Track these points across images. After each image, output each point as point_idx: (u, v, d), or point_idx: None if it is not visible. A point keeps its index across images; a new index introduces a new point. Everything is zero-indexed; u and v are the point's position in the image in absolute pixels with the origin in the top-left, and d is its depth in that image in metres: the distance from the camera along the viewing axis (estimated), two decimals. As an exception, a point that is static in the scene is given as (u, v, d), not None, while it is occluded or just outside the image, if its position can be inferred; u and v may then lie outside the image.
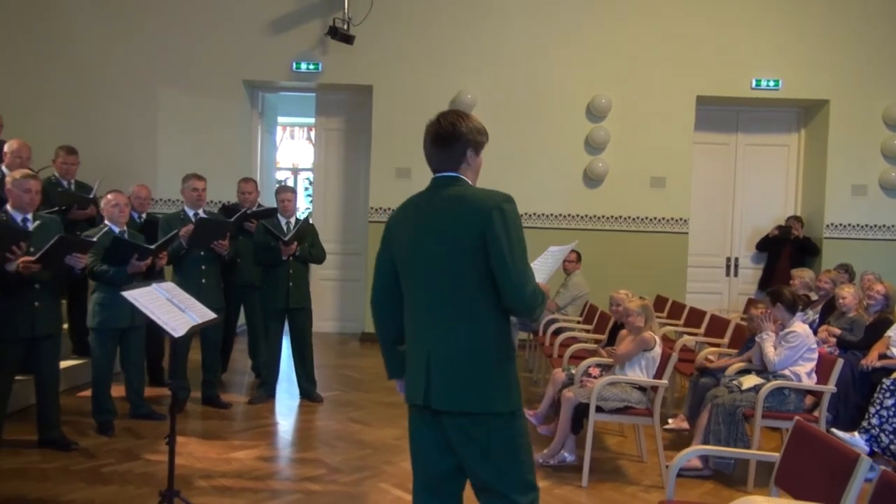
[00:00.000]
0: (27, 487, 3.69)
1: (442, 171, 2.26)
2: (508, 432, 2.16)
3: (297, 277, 5.41)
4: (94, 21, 7.98)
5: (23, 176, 4.15)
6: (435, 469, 2.25)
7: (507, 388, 2.17)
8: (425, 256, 2.18)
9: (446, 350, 2.15)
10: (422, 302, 2.22)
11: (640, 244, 8.17)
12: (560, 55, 8.05)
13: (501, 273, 2.09)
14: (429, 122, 2.28)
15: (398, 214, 2.33)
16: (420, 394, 2.18)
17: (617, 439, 4.92)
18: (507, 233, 2.09)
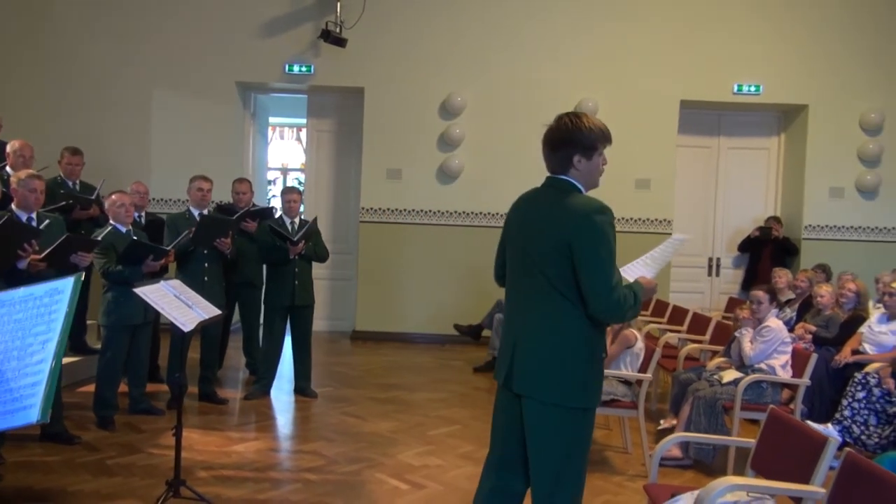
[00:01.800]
0: (33, 479, 3.80)
1: (555, 174, 2.41)
2: (575, 426, 2.30)
3: (303, 276, 5.56)
4: (90, 23, 8.06)
5: (28, 176, 4.26)
6: (507, 445, 2.43)
7: (583, 385, 2.29)
8: (524, 252, 2.38)
9: (531, 341, 2.33)
10: (517, 292, 2.42)
11: (625, 244, 8.23)
12: (548, 59, 8.23)
13: (585, 280, 2.23)
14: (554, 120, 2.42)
15: (515, 206, 2.54)
16: (503, 375, 2.40)
17: (603, 432, 5.10)
18: (592, 243, 2.21)
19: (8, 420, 1.39)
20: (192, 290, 3.72)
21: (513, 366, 2.36)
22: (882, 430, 4.37)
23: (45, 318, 1.48)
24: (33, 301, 1.52)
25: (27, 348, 1.44)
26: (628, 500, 3.81)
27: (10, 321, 1.47)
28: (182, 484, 3.40)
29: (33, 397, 1.39)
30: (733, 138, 9.00)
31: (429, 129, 8.19)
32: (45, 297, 1.52)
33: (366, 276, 8.25)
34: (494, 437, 2.50)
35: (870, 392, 4.44)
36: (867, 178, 8.42)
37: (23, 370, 1.42)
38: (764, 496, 2.49)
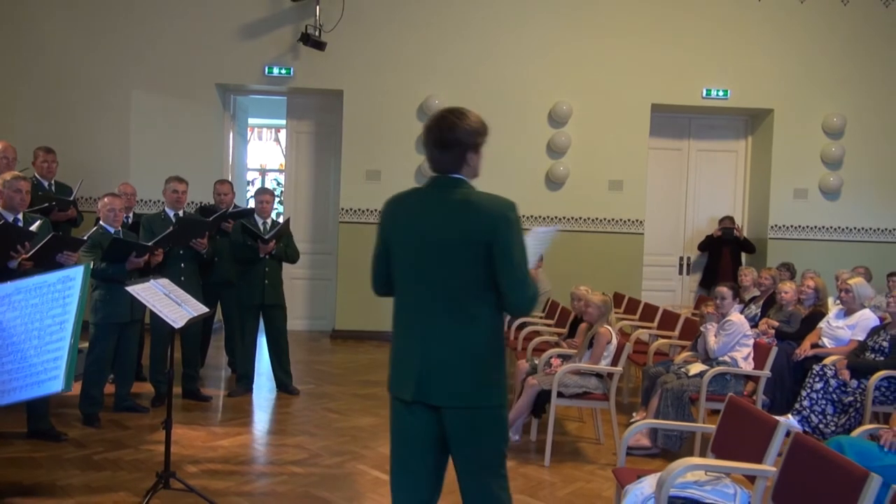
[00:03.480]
0: (21, 475, 3.88)
1: (443, 172, 2.32)
2: (500, 422, 2.33)
3: (272, 276, 5.68)
4: (67, 23, 8.07)
5: (14, 177, 4.34)
6: (421, 459, 2.32)
7: (499, 383, 2.30)
8: (430, 257, 2.24)
9: (446, 348, 2.23)
10: (420, 300, 2.27)
11: (599, 244, 8.61)
12: (524, 64, 8.43)
13: (507, 278, 2.18)
14: (429, 121, 2.34)
15: (396, 209, 2.37)
16: (410, 389, 2.26)
17: (577, 425, 5.30)
18: (511, 241, 2.20)
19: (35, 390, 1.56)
20: (179, 289, 3.83)
21: (426, 377, 2.25)
22: (838, 418, 4.62)
23: (61, 302, 1.63)
24: (47, 287, 1.67)
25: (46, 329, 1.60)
26: (599, 487, 4.00)
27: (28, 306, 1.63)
28: (172, 475, 3.52)
29: (56, 370, 1.56)
30: (702, 141, 9.29)
31: (407, 131, 8.34)
32: (58, 283, 1.67)
33: (345, 275, 8.37)
34: (401, 453, 2.35)
35: (826, 383, 4.69)
36: (830, 180, 8.75)
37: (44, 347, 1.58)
38: (721, 475, 2.69)
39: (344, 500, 3.72)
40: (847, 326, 5.14)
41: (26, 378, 1.58)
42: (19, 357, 1.59)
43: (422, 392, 2.26)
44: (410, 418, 2.30)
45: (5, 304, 1.66)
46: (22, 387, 1.58)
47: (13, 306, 1.66)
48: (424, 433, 2.30)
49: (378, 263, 2.42)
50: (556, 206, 8.59)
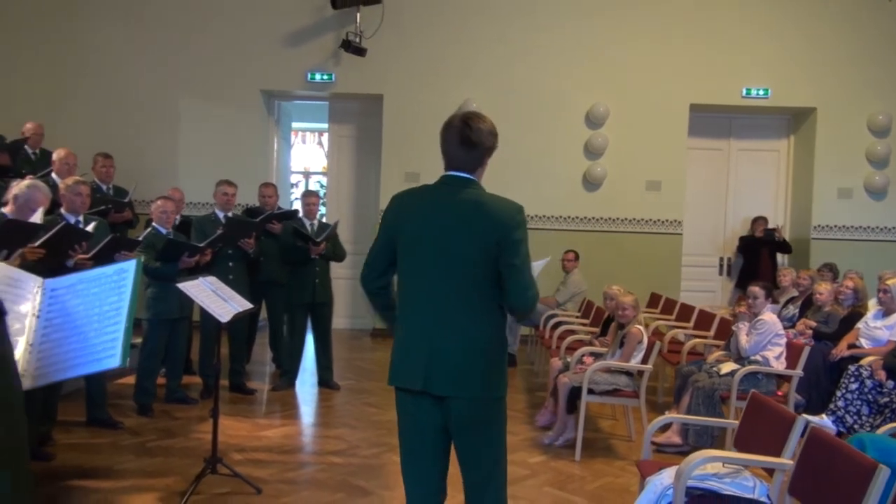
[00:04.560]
0: (82, 459, 4.17)
1: (458, 171, 2.38)
2: (502, 413, 2.46)
3: (322, 275, 5.92)
4: (121, 37, 8.48)
5: (75, 182, 4.64)
6: (429, 449, 2.40)
7: (502, 375, 2.42)
8: (441, 253, 2.31)
9: (453, 341, 2.32)
10: (429, 294, 2.34)
11: (637, 244, 8.62)
12: (560, 66, 8.51)
13: (512, 277, 2.29)
14: (453, 120, 2.39)
15: (406, 205, 2.42)
16: (419, 380, 2.33)
17: (609, 422, 5.38)
18: (520, 243, 2.30)
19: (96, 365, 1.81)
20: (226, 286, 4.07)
21: (434, 368, 2.32)
22: (874, 419, 4.60)
23: (117, 291, 1.87)
24: (105, 278, 1.91)
25: (104, 314, 1.84)
26: (628, 482, 4.08)
27: (89, 294, 1.88)
28: (219, 461, 3.75)
29: (113, 349, 1.80)
30: (743, 141, 9.21)
31: (445, 133, 8.48)
32: (114, 275, 1.92)
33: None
34: (409, 443, 2.44)
35: (862, 383, 4.67)
36: (875, 179, 8.58)
37: (103, 330, 1.82)
38: (741, 468, 2.76)
39: (379, 488, 3.89)
40: (885, 327, 5.09)
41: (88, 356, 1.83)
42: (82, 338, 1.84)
43: (429, 383, 2.33)
44: (417, 409, 2.37)
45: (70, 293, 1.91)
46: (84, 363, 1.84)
47: (77, 294, 1.92)
48: (431, 423, 2.37)
49: (378, 256, 2.46)
50: (594, 207, 8.63)
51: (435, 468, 2.45)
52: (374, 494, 3.81)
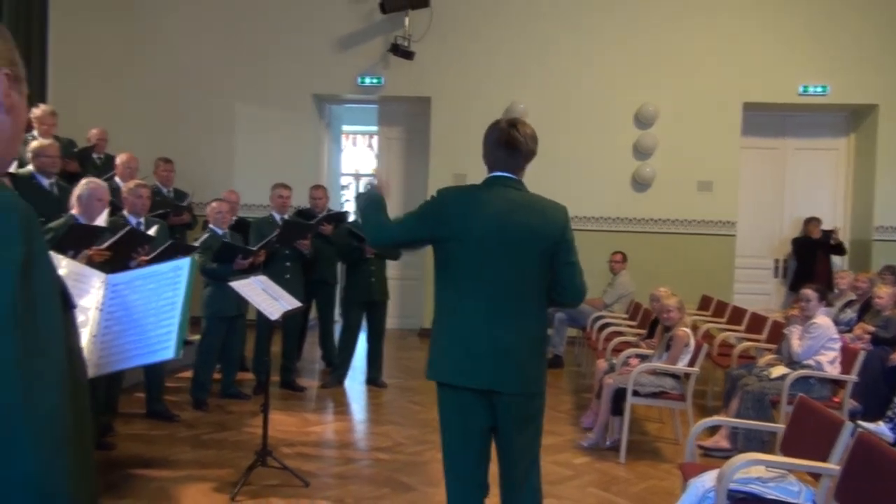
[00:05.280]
0: (141, 449, 4.37)
1: (502, 171, 2.46)
2: (542, 409, 2.56)
3: (378, 273, 6.03)
4: (181, 45, 8.79)
5: (136, 185, 4.88)
6: (474, 446, 2.45)
7: (545, 371, 2.56)
8: (499, 252, 2.37)
9: (513, 338, 2.38)
10: (486, 293, 2.37)
11: (687, 246, 8.48)
12: (608, 65, 8.45)
13: (568, 274, 2.43)
14: (498, 124, 2.48)
15: (458, 199, 2.46)
16: (483, 378, 2.35)
17: (657, 425, 5.32)
18: (573, 241, 2.46)
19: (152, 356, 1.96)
20: (276, 285, 4.21)
21: (495, 366, 2.36)
22: (934, 427, 4.43)
23: (172, 287, 2.03)
24: (161, 275, 2.07)
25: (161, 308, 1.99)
26: (673, 485, 4.03)
27: (146, 290, 2.03)
28: (269, 454, 3.88)
29: (168, 342, 1.95)
30: (800, 139, 8.95)
31: (493, 135, 8.52)
32: (170, 272, 2.07)
33: (433, 276, 8.64)
34: (460, 444, 2.46)
35: (922, 390, 4.50)
36: (942, 178, 8.23)
37: (159, 323, 1.97)
38: (786, 473, 2.72)
39: (423, 485, 3.95)
40: (948, 332, 4.89)
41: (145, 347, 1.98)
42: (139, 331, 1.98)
43: (490, 380, 2.37)
44: (468, 407, 2.41)
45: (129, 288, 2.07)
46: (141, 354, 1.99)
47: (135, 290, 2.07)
48: (478, 420, 2.42)
49: (410, 229, 2.50)
50: (643, 208, 8.53)
51: (480, 465, 2.50)
52: (417, 490, 3.88)
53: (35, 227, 1.01)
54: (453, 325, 2.42)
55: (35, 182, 4.97)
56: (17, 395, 0.92)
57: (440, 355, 2.45)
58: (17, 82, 1.13)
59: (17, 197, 1.01)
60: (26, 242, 0.97)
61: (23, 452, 0.91)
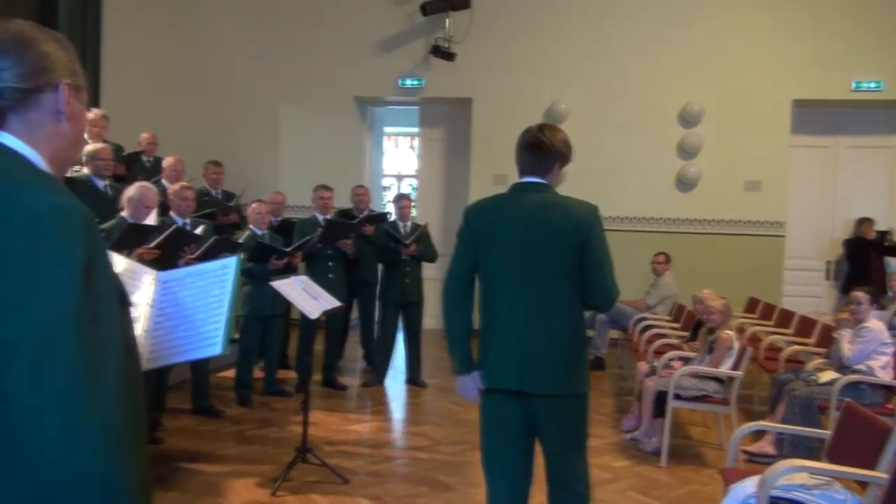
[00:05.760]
0: (187, 443, 4.49)
1: (529, 176, 2.50)
2: (584, 409, 2.55)
3: (413, 275, 6.09)
4: (228, 50, 8.99)
5: (182, 187, 5.02)
6: (513, 446, 2.50)
7: (585, 372, 2.55)
8: (525, 256, 2.41)
9: (543, 339, 2.41)
10: (516, 298, 2.43)
11: (734, 247, 8.29)
12: (652, 64, 8.31)
13: (597, 275, 2.40)
14: (526, 130, 2.55)
15: (483, 213, 2.53)
16: (512, 379, 2.42)
17: (700, 429, 5.23)
18: (602, 241, 2.42)
19: (200, 352, 2.05)
20: (317, 285, 4.28)
21: (524, 367, 2.40)
22: None
23: (220, 285, 2.11)
24: (209, 273, 2.16)
25: (209, 305, 2.08)
26: (715, 490, 3.95)
27: (196, 287, 2.12)
28: (309, 451, 3.95)
29: (216, 338, 2.03)
30: (853, 137, 8.65)
31: (534, 135, 8.49)
32: (217, 270, 2.16)
33: (474, 276, 8.65)
34: (496, 442, 2.51)
35: (982, 397, 4.32)
36: None
37: (208, 319, 2.05)
38: (831, 480, 2.65)
39: (461, 484, 3.97)
40: None
41: (194, 343, 2.05)
42: (189, 326, 2.06)
43: (524, 382, 2.42)
44: (502, 407, 2.47)
45: (180, 285, 2.15)
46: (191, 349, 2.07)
47: (185, 287, 2.16)
48: (517, 421, 2.47)
49: (461, 265, 2.54)
50: (688, 208, 8.38)
51: (519, 467, 2.54)
52: (455, 490, 3.90)
53: (95, 229, 1.08)
54: (489, 330, 2.50)
55: (91, 184, 5.17)
56: (81, 390, 0.99)
57: (480, 359, 2.52)
58: (78, 91, 1.21)
59: (78, 201, 1.07)
60: (88, 244, 1.03)
61: (86, 444, 0.98)
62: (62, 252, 1.01)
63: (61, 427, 0.97)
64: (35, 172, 1.11)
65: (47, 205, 1.02)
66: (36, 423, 0.97)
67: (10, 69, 1.12)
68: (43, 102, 1.16)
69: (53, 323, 0.99)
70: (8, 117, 1.14)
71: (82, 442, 0.98)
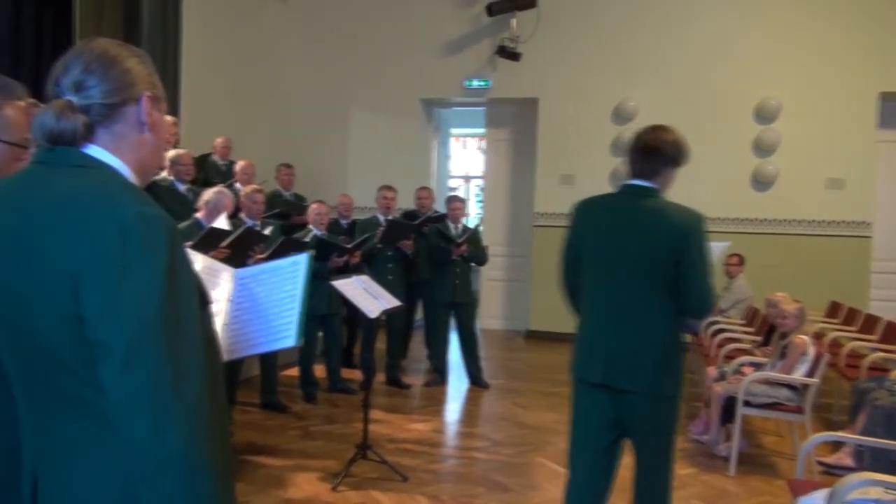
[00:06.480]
0: (255, 437, 4.64)
1: (637, 179, 2.55)
2: (674, 411, 2.59)
3: (463, 276, 6.11)
4: (299, 52, 9.26)
5: (252, 190, 5.20)
6: (598, 439, 2.58)
7: (676, 375, 2.56)
8: (625, 256, 2.48)
9: (630, 338, 2.48)
10: (612, 294, 2.52)
11: (814, 248, 7.91)
12: (724, 59, 8.03)
13: (692, 285, 2.43)
14: (640, 130, 2.60)
15: (588, 211, 2.63)
16: (599, 373, 2.51)
17: (774, 439, 5.01)
18: (700, 252, 2.44)
19: (275, 344, 2.17)
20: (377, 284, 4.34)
21: (614, 364, 2.48)
22: None
23: (292, 280, 2.23)
24: (282, 270, 2.27)
25: (282, 300, 2.19)
26: (786, 502, 3.79)
27: (269, 283, 2.23)
28: (369, 448, 4.01)
29: (289, 330, 2.14)
30: (948, 130, 8.11)
31: (602, 134, 8.36)
32: (289, 266, 2.27)
33: (540, 278, 8.58)
34: (581, 433, 2.62)
35: None
36: None
37: (281, 313, 2.16)
38: (909, 496, 2.48)
39: (520, 486, 3.94)
40: None
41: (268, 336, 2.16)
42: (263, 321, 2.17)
43: (609, 376, 2.51)
44: (591, 400, 2.56)
45: (255, 281, 2.28)
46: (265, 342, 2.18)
47: (260, 283, 2.28)
48: (604, 415, 2.55)
49: (566, 262, 2.69)
50: (764, 208, 8.04)
51: (601, 461, 2.61)
52: (513, 491, 3.87)
53: (177, 235, 1.17)
54: (583, 326, 2.63)
55: (173, 188, 5.44)
56: (167, 385, 1.09)
57: (574, 352, 2.65)
58: (158, 102, 1.30)
59: (161, 210, 1.17)
60: (170, 250, 1.13)
61: (172, 435, 1.09)
62: (148, 259, 1.11)
63: (150, 420, 1.08)
64: (123, 184, 1.21)
65: (134, 215, 1.11)
66: (128, 416, 1.09)
67: (97, 86, 1.22)
68: (127, 115, 1.25)
69: (141, 325, 1.09)
70: (97, 131, 1.23)
71: (169, 433, 1.09)
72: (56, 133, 1.19)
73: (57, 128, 1.18)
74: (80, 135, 1.20)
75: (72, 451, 1.17)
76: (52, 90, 1.22)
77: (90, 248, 1.09)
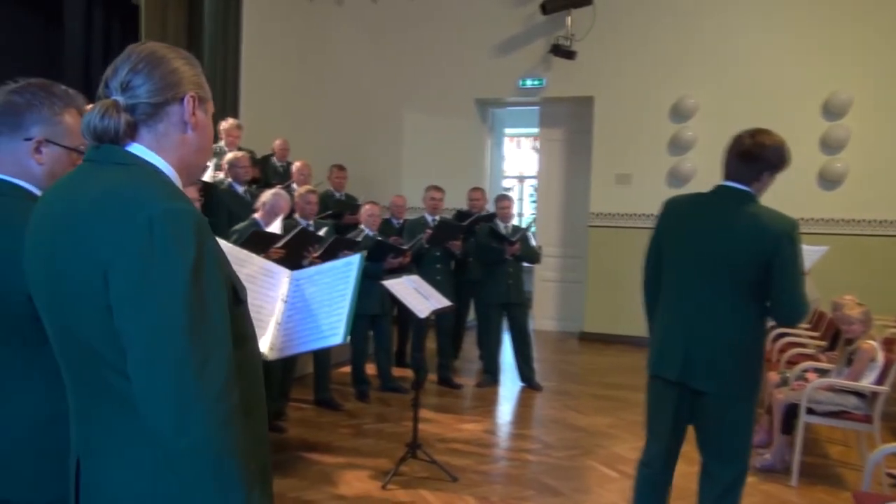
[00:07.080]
0: (308, 434, 4.72)
1: (732, 181, 2.53)
2: (750, 415, 2.58)
3: (515, 275, 6.06)
4: (354, 55, 9.39)
5: (307, 191, 5.30)
6: (670, 431, 2.66)
7: (755, 379, 2.56)
8: (710, 256, 2.48)
9: (708, 339, 2.49)
10: (691, 295, 2.53)
11: (887, 249, 7.53)
12: (788, 53, 7.73)
13: (783, 293, 2.40)
14: (741, 133, 2.56)
15: (679, 209, 2.65)
16: (675, 371, 2.55)
17: (840, 448, 4.80)
18: (793, 259, 2.40)
19: (324, 341, 2.22)
20: (427, 284, 4.36)
21: (692, 363, 2.51)
22: None
23: (344, 280, 2.28)
24: (336, 270, 2.33)
25: (333, 299, 2.24)
26: (852, 515, 3.62)
27: (322, 283, 2.28)
28: (419, 447, 4.02)
29: (338, 328, 2.18)
30: None
31: (659, 133, 8.18)
32: (342, 267, 2.33)
33: (595, 279, 8.46)
34: (658, 429, 2.70)
35: None
36: None
37: (332, 312, 2.21)
38: None
39: (571, 490, 3.89)
40: None
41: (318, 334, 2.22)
42: (314, 319, 2.23)
43: (686, 375, 2.53)
44: (663, 395, 2.63)
45: (309, 282, 2.34)
46: (314, 339, 2.24)
47: (314, 283, 2.34)
48: (675, 411, 2.61)
49: (649, 261, 2.72)
50: (832, 208, 7.71)
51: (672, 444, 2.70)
52: (564, 495, 3.82)
53: (206, 230, 1.19)
54: (662, 318, 2.65)
55: (232, 190, 5.60)
56: (190, 377, 1.11)
57: (651, 347, 2.69)
58: (203, 102, 1.33)
59: (191, 205, 1.20)
60: (198, 245, 1.15)
61: (196, 425, 1.11)
62: (173, 252, 1.13)
63: (173, 410, 1.11)
64: (159, 180, 1.24)
65: (161, 210, 1.14)
66: (152, 406, 1.12)
67: (143, 86, 1.26)
68: (171, 114, 1.28)
69: (165, 317, 1.12)
70: (140, 130, 1.27)
71: (191, 423, 1.11)
72: (100, 131, 1.23)
73: (101, 126, 1.23)
74: (123, 133, 1.24)
75: (106, 436, 1.21)
76: (102, 92, 1.27)
77: (120, 241, 1.13)
